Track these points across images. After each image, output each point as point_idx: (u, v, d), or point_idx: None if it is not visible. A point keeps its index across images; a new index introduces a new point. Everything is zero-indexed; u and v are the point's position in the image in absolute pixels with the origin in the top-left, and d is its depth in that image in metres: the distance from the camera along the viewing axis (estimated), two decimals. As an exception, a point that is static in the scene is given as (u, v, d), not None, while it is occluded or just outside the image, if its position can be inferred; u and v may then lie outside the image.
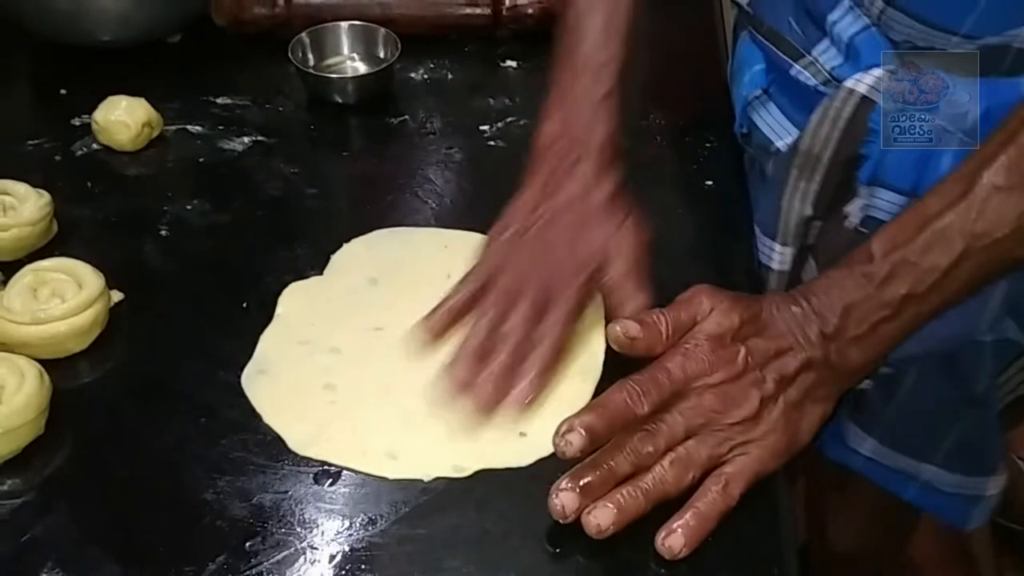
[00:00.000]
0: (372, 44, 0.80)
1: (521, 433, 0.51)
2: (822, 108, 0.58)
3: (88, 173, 0.71)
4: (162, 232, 0.66)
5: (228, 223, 0.67)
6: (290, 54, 0.77)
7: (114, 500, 0.49)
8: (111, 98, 0.72)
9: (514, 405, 0.51)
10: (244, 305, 0.60)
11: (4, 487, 0.49)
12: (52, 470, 0.50)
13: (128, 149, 0.72)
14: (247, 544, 0.47)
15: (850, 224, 0.61)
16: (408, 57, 0.79)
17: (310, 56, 0.79)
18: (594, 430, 0.46)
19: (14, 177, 0.65)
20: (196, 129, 0.75)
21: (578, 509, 0.45)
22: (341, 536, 0.47)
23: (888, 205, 0.59)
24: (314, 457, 0.50)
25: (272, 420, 0.53)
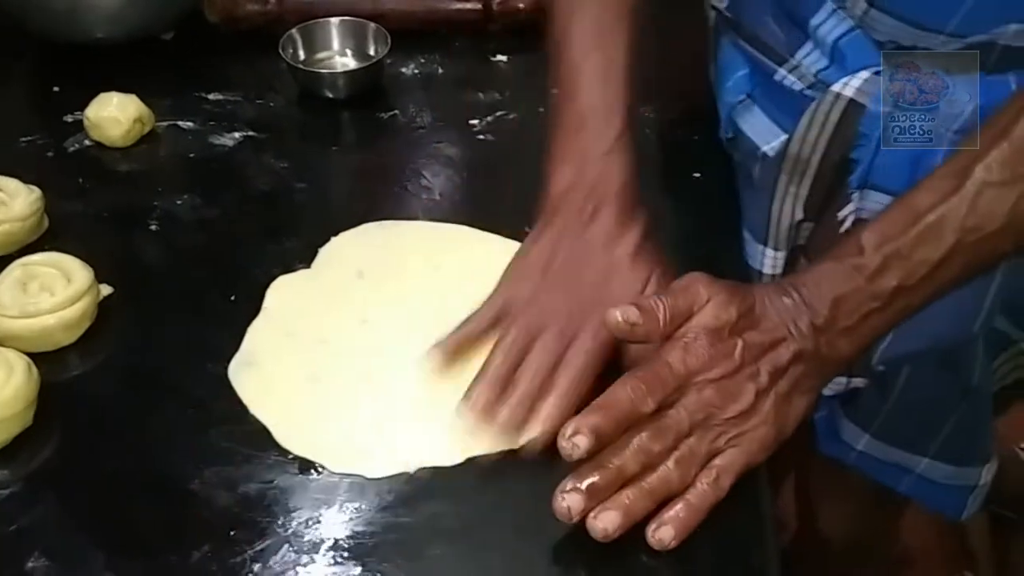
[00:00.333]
0: (363, 40, 0.80)
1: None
2: (809, 113, 0.58)
3: (80, 169, 0.71)
4: (152, 227, 0.66)
5: (218, 217, 0.67)
6: (281, 50, 0.77)
7: (101, 491, 0.50)
8: (103, 95, 0.73)
9: (535, 431, 0.50)
10: (232, 298, 0.60)
11: (-8, 478, 0.49)
12: (40, 462, 0.51)
13: (119, 145, 0.73)
14: (232, 532, 0.47)
15: (844, 228, 0.60)
16: (398, 52, 0.80)
17: (301, 52, 0.79)
18: (601, 431, 0.45)
19: (6, 173, 0.65)
20: (187, 125, 0.75)
21: (584, 511, 0.45)
22: (325, 525, 0.47)
23: (881, 208, 0.58)
24: (296, 450, 0.51)
25: (258, 411, 0.53)
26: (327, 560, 0.46)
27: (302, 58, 0.79)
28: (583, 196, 0.56)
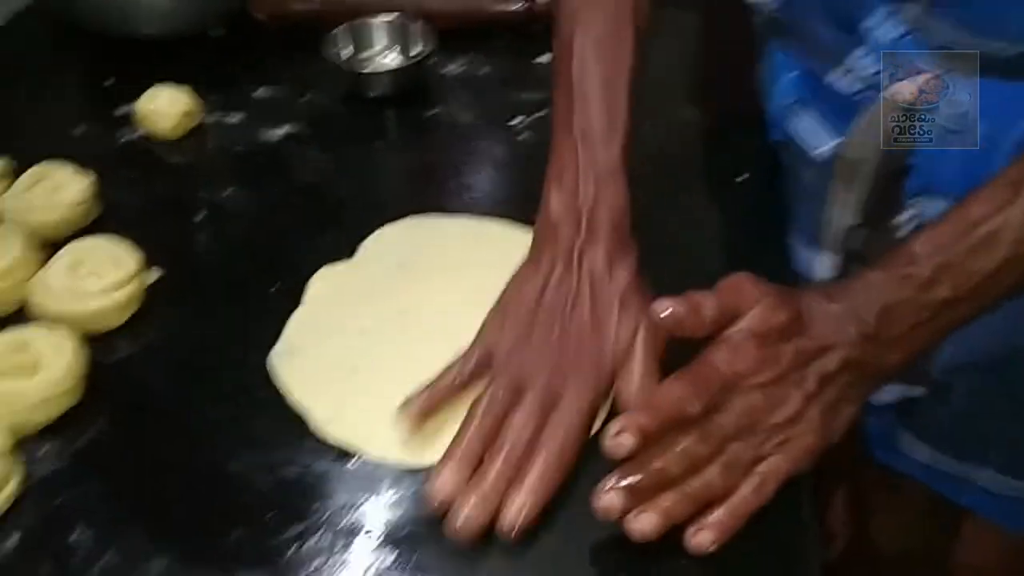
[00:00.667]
0: (408, 38, 0.81)
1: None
2: (863, 118, 0.57)
3: (130, 160, 0.73)
4: (199, 217, 0.68)
5: (262, 209, 0.68)
6: (326, 48, 0.78)
7: (144, 470, 0.51)
8: (153, 88, 0.74)
9: (505, 528, 0.46)
10: (274, 288, 0.61)
11: (39, 453, 0.51)
12: (86, 440, 0.52)
13: (169, 137, 0.74)
14: (269, 516, 0.48)
15: (900, 235, 0.58)
16: (443, 51, 0.80)
17: (347, 49, 0.80)
18: (647, 431, 0.45)
19: (61, 162, 0.67)
20: (235, 119, 0.77)
21: (623, 511, 0.44)
22: (360, 511, 0.48)
23: (940, 213, 0.57)
24: (333, 437, 0.51)
25: (298, 399, 0.54)
26: (363, 546, 0.46)
27: (348, 56, 0.80)
28: (573, 228, 0.55)
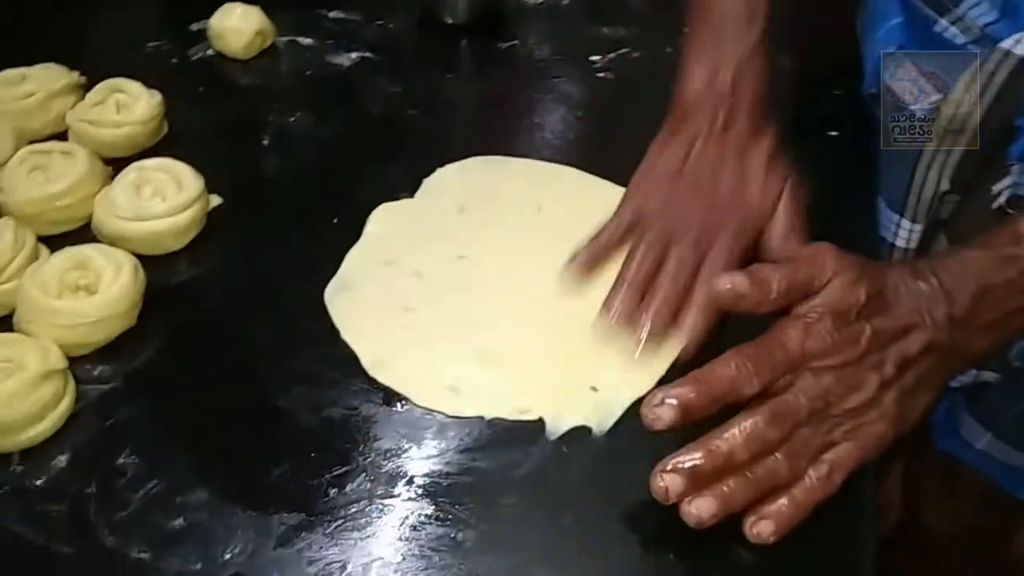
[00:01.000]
0: (490, -38, 0.77)
1: (593, 387, 0.50)
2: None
3: (201, 78, 0.72)
4: (264, 141, 0.67)
5: (328, 138, 0.67)
6: (405, -31, 0.75)
7: (193, 397, 0.51)
8: (227, 4, 0.73)
9: (683, 336, 0.50)
10: (335, 220, 0.60)
11: (94, 373, 0.51)
12: (140, 362, 0.52)
13: (240, 57, 0.73)
14: (312, 454, 0.47)
15: (996, 204, 0.55)
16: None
17: (425, -28, 0.77)
18: (691, 407, 0.42)
19: (132, 77, 0.66)
20: (307, 41, 0.75)
21: (682, 494, 0.42)
22: (402, 458, 0.47)
23: None
24: (381, 381, 0.50)
25: (350, 337, 0.53)
26: (402, 494, 0.46)
27: (426, -21, 0.77)
28: (716, 101, 0.55)
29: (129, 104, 0.64)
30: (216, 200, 0.60)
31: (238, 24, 0.72)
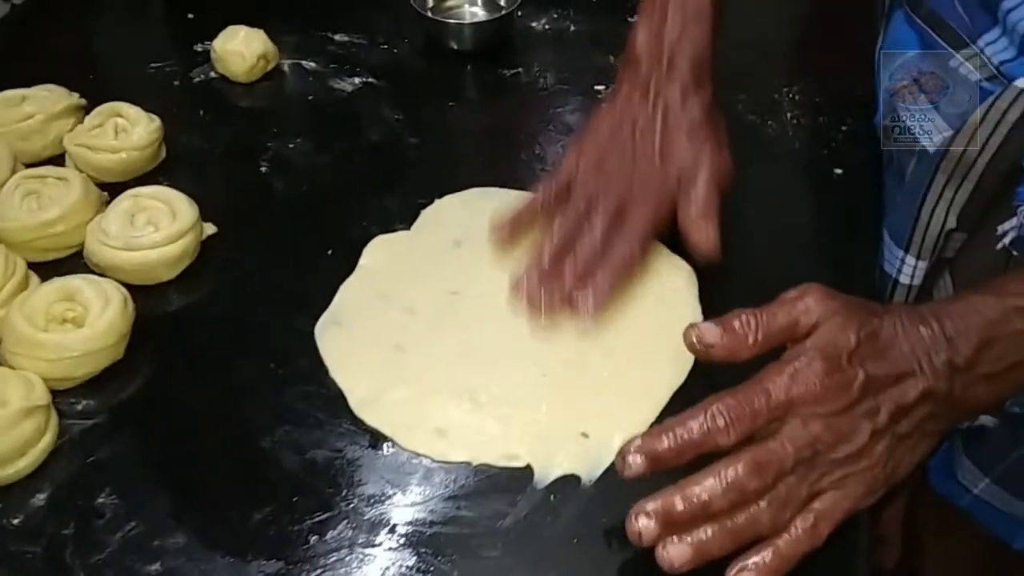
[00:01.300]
0: (496, -12, 0.76)
1: (583, 434, 0.48)
2: (984, 107, 0.51)
3: (202, 101, 0.72)
4: (263, 168, 0.66)
5: (327, 165, 0.66)
6: (411, -5, 0.75)
7: (177, 434, 0.50)
8: (231, 27, 0.72)
9: (579, 312, 0.52)
10: (330, 252, 0.59)
11: (78, 407, 0.50)
12: (125, 396, 0.51)
13: (243, 80, 0.72)
14: (294, 499, 0.46)
15: (1000, 244, 0.53)
16: (531, 4, 0.76)
17: (432, -2, 0.76)
18: (660, 460, 0.41)
19: (132, 98, 0.66)
20: (310, 65, 0.74)
21: (656, 539, 0.41)
22: (386, 505, 0.46)
23: None
24: (367, 421, 0.49)
25: (338, 376, 0.52)
26: (384, 543, 0.45)
27: (431, 4, 0.76)
28: (658, 56, 0.56)
29: (127, 129, 0.63)
30: (211, 229, 0.60)
31: (240, 48, 0.71)
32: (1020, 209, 0.52)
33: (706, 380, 0.51)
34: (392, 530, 0.45)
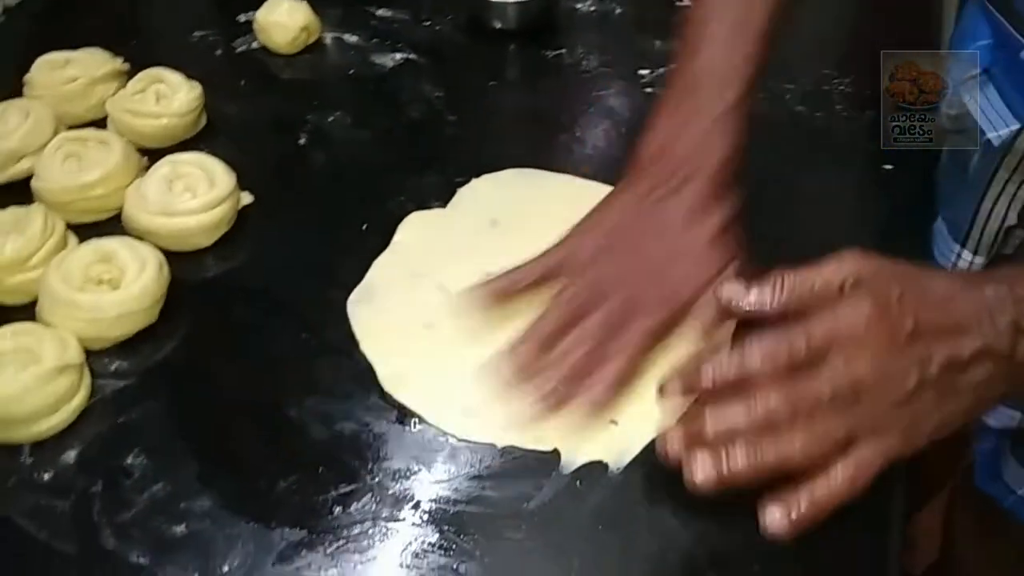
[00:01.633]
0: (543, -33, 0.75)
1: (613, 421, 0.48)
2: None
3: (243, 71, 0.72)
4: (301, 140, 0.66)
5: (365, 140, 0.66)
6: (456, -29, 0.74)
7: (207, 399, 0.50)
8: (275, -2, 0.72)
9: (584, 406, 0.47)
10: (364, 227, 0.59)
11: (111, 368, 0.51)
12: (157, 359, 0.52)
13: (284, 52, 0.72)
14: (320, 469, 0.46)
15: None
16: (578, -15, 0.75)
17: (477, -25, 0.76)
18: (694, 390, 0.43)
19: (175, 65, 0.66)
20: (352, 39, 0.74)
21: (681, 455, 0.41)
22: (411, 480, 0.46)
23: None
24: (396, 397, 0.49)
25: (368, 349, 0.52)
26: (407, 519, 0.45)
27: (477, -19, 0.75)
28: (675, 164, 0.51)
29: (168, 95, 0.63)
30: (247, 198, 0.60)
31: (283, 19, 0.71)
32: None
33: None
34: (416, 506, 0.45)
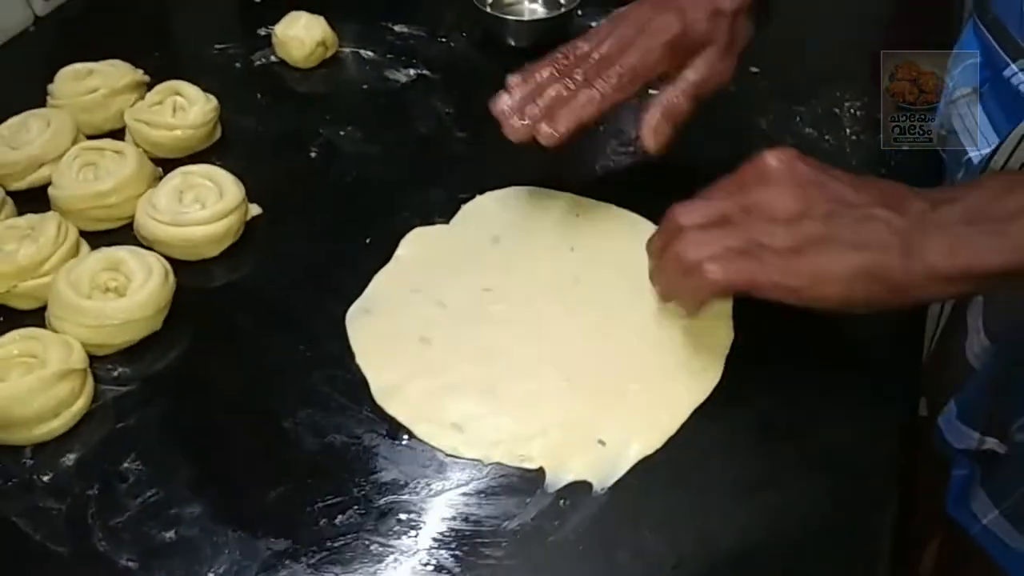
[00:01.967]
0: (558, -14, 0.76)
1: (600, 441, 0.48)
2: None
3: (260, 84, 0.73)
4: (312, 153, 0.67)
5: (374, 155, 0.67)
6: (472, -11, 0.75)
7: (205, 408, 0.51)
8: (293, 13, 0.74)
9: (547, 128, 0.55)
10: (368, 240, 0.60)
11: (114, 374, 0.52)
12: (159, 367, 0.53)
13: (301, 66, 0.74)
14: (308, 480, 0.47)
15: None
16: (593, 4, 0.75)
17: (494, -8, 0.77)
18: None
19: (195, 77, 0.68)
20: (368, 54, 0.75)
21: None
22: (397, 495, 0.47)
23: None
24: (387, 410, 0.50)
25: (363, 362, 0.53)
26: (390, 533, 0.45)
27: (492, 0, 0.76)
28: None
29: (185, 107, 0.65)
30: (256, 210, 0.61)
31: (301, 34, 0.73)
32: None
33: (729, 397, 0.50)
34: (400, 520, 0.46)
